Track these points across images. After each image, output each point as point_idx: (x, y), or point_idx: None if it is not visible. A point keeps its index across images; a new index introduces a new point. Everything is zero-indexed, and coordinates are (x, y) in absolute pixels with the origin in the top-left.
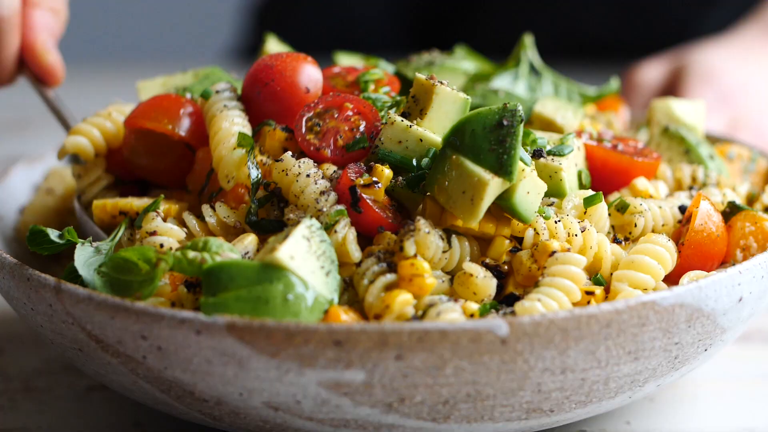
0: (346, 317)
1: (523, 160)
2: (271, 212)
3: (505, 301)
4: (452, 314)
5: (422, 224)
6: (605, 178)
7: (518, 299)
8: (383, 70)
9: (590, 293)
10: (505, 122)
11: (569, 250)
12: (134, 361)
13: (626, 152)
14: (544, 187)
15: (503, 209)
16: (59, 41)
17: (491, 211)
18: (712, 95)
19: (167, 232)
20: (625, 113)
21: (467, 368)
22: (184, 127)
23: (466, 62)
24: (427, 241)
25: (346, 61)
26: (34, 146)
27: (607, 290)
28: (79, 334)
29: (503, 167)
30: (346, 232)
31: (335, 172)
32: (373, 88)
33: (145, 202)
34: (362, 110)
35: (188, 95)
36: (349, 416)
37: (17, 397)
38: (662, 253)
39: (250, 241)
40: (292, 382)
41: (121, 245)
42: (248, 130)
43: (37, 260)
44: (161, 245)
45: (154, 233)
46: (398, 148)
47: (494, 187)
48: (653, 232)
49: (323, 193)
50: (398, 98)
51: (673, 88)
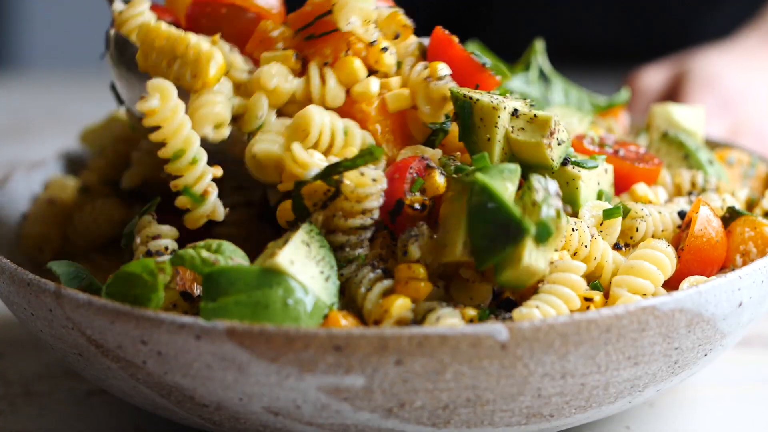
0: (345, 322)
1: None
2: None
3: (502, 305)
4: (452, 319)
5: (426, 229)
6: None
7: (515, 304)
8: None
9: (589, 299)
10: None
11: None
12: (134, 365)
13: (627, 158)
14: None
15: None
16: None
17: None
18: (713, 101)
19: (166, 234)
20: (624, 118)
21: (467, 373)
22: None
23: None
24: (431, 246)
25: None
26: (34, 151)
27: (606, 295)
28: (78, 338)
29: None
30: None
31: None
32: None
33: None
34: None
35: None
36: (349, 421)
37: (17, 401)
38: (662, 258)
39: None
40: (292, 387)
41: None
42: None
43: (37, 266)
44: (166, 248)
45: (157, 237)
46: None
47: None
48: (653, 237)
49: (362, 229)
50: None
51: (674, 93)
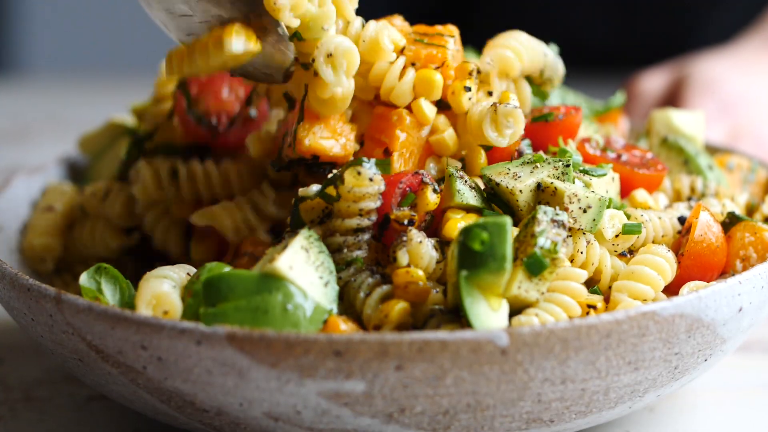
0: (345, 327)
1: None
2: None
3: None
4: (451, 324)
5: (414, 234)
6: None
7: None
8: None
9: (592, 306)
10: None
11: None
12: (134, 371)
13: (630, 163)
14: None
15: None
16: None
17: None
18: (713, 105)
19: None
20: (624, 124)
21: (467, 378)
22: None
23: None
24: (419, 250)
25: None
26: (34, 156)
27: (606, 300)
28: (79, 344)
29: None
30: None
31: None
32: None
33: None
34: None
35: None
36: (349, 426)
37: (17, 406)
38: (662, 263)
39: None
40: (292, 392)
41: None
42: None
43: (37, 271)
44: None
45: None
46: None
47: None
48: (653, 242)
49: (360, 231)
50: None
51: (674, 98)
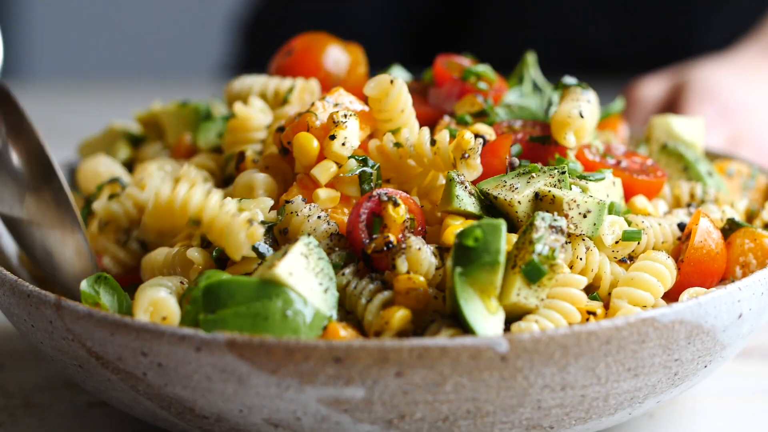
0: (345, 333)
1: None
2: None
3: None
4: (451, 330)
5: (413, 241)
6: None
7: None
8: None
9: (592, 313)
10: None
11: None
12: (134, 377)
13: (629, 169)
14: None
15: None
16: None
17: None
18: (712, 111)
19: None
20: (624, 130)
21: (467, 385)
22: None
23: None
24: (419, 257)
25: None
26: None
27: (606, 306)
28: (79, 350)
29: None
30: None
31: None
32: (483, 86)
33: None
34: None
35: None
36: None
37: (18, 413)
38: (662, 270)
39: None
40: (292, 398)
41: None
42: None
43: (37, 278)
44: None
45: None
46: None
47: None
48: (653, 249)
49: (333, 234)
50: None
51: (673, 104)
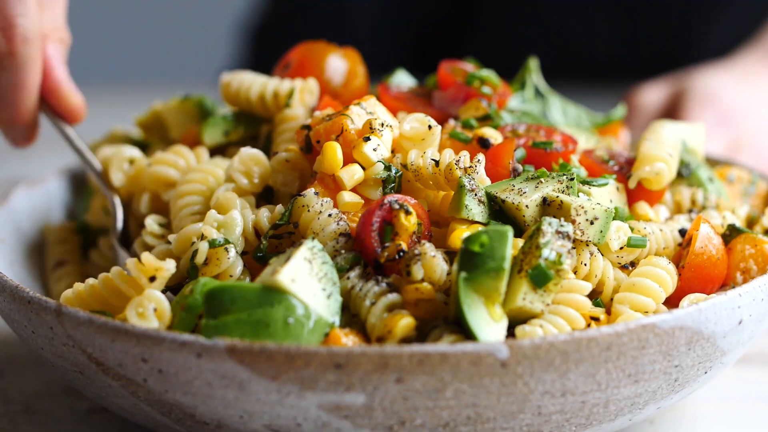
0: (346, 340)
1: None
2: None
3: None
4: (453, 336)
5: (428, 248)
6: None
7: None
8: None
9: (595, 318)
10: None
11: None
12: (135, 383)
13: None
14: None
15: None
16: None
17: None
18: (712, 117)
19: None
20: (625, 136)
21: (467, 391)
22: None
23: None
24: (433, 264)
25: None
26: (34, 168)
27: (608, 311)
28: (79, 356)
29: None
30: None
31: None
32: (487, 90)
33: None
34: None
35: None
36: None
37: (18, 419)
38: (663, 275)
39: None
40: (292, 404)
41: None
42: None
43: (38, 284)
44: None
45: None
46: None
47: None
48: (654, 254)
49: (342, 235)
50: None
51: (673, 110)
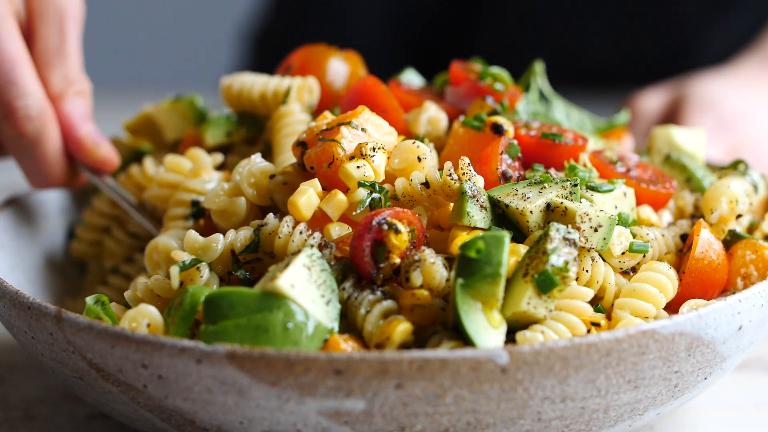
0: (346, 346)
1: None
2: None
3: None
4: (452, 342)
5: (428, 254)
6: None
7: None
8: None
9: (596, 324)
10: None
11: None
12: (135, 389)
13: (639, 178)
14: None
15: None
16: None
17: None
18: (712, 122)
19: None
20: (628, 142)
21: (467, 397)
22: None
23: None
24: (432, 271)
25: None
26: None
27: (608, 317)
28: (79, 362)
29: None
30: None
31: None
32: (500, 87)
33: None
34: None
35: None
36: None
37: (18, 425)
38: (663, 281)
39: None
40: (292, 410)
41: None
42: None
43: (38, 289)
44: None
45: None
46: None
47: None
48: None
49: (336, 259)
50: None
51: (673, 116)
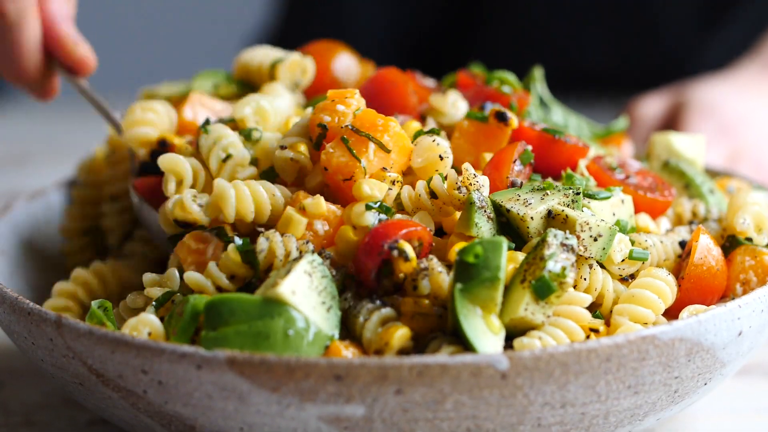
0: (347, 352)
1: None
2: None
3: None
4: (451, 348)
5: (435, 264)
6: None
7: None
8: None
9: (594, 330)
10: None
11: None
12: (135, 395)
13: (638, 186)
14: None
15: None
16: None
17: None
18: (712, 127)
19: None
20: (628, 148)
21: (467, 402)
22: None
23: None
24: (440, 280)
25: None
26: (34, 180)
27: (607, 323)
28: (79, 368)
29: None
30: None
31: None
32: (507, 90)
33: None
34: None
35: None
36: None
37: (18, 430)
38: (662, 287)
39: None
40: (292, 416)
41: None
42: None
43: (38, 295)
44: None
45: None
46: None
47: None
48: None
49: (336, 269)
50: None
51: (673, 122)
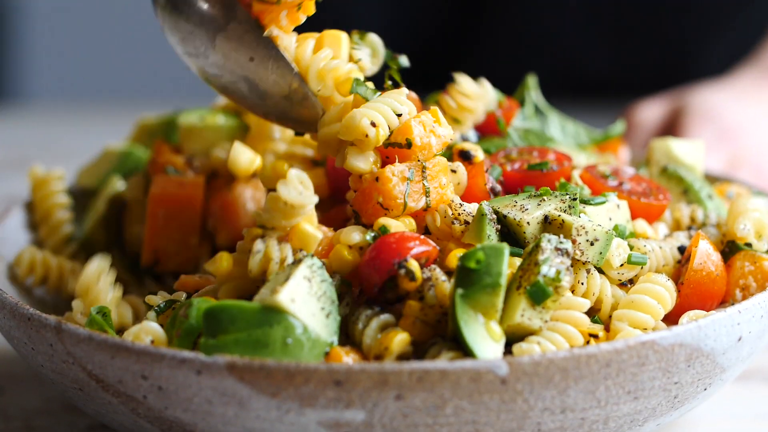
0: (347, 358)
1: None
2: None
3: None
4: (451, 353)
5: (438, 273)
6: None
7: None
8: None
9: (593, 335)
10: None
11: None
12: (135, 400)
13: (632, 192)
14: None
15: None
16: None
17: None
18: (711, 133)
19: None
20: (625, 153)
21: (467, 408)
22: None
23: None
24: (444, 289)
25: None
26: None
27: (606, 329)
28: (79, 373)
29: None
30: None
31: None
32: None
33: None
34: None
35: None
36: None
37: None
38: (662, 292)
39: None
40: (292, 421)
41: None
42: None
43: (37, 301)
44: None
45: None
46: None
47: None
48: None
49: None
50: None
51: (672, 127)
